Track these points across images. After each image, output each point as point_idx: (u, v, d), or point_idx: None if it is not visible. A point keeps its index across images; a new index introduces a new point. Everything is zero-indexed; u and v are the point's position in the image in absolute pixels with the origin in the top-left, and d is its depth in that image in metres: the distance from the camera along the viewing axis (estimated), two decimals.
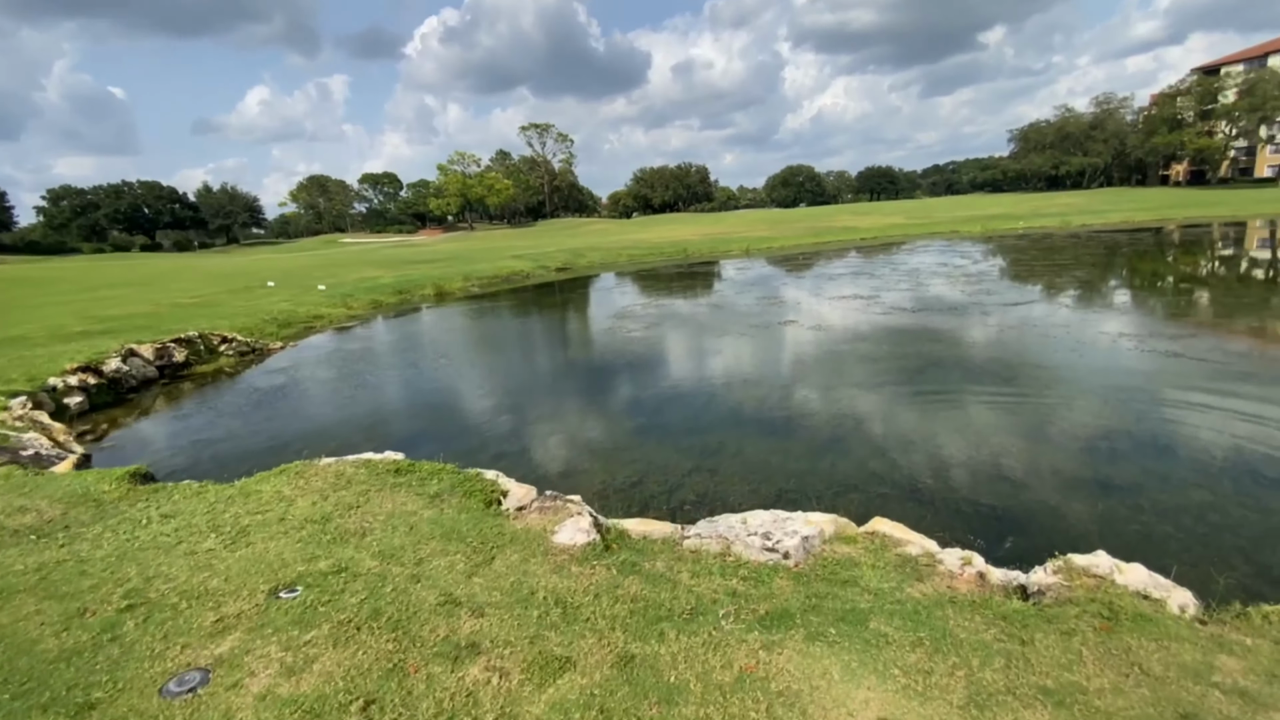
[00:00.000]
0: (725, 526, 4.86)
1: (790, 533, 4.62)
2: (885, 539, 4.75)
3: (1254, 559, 6.31)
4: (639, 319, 23.15)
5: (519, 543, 4.40)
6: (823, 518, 5.10)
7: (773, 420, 11.49)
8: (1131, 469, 8.58)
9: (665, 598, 3.79)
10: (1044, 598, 3.84)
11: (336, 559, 4.11)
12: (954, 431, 10.24)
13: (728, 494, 8.58)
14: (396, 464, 5.93)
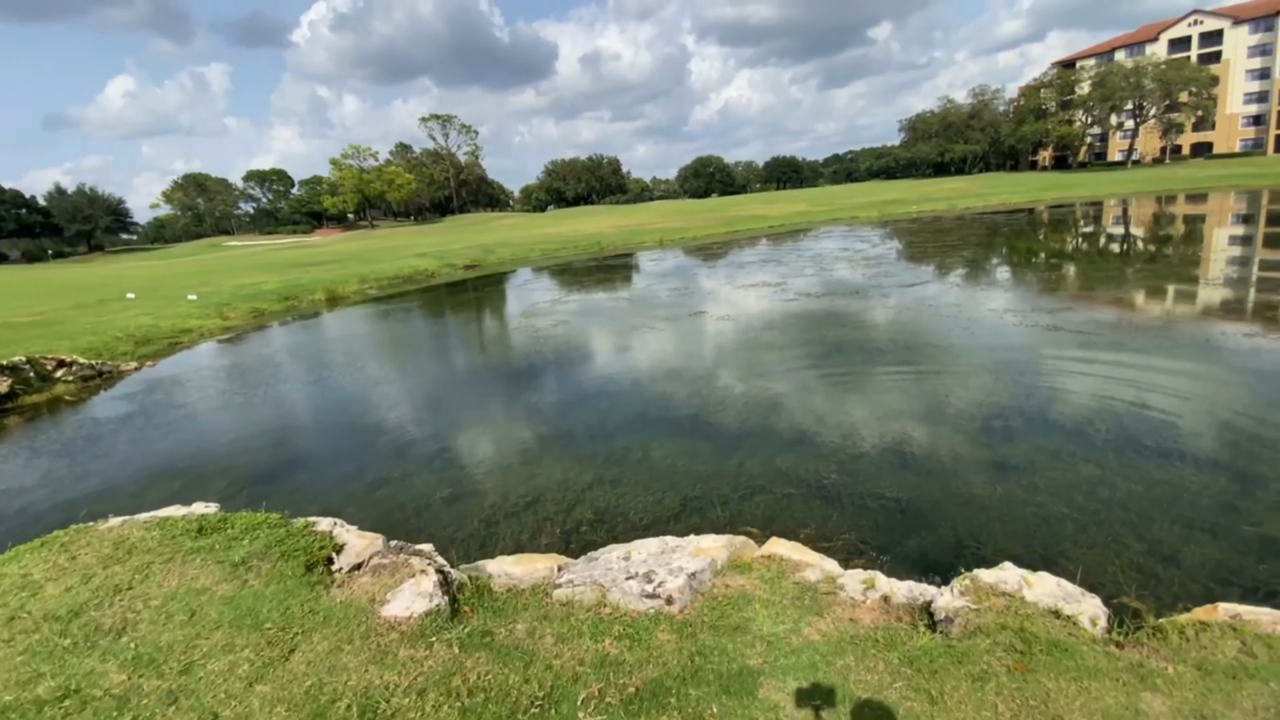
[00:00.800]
0: (603, 568, 4.16)
1: (676, 570, 3.99)
2: (783, 564, 4.22)
3: (1144, 535, 6.34)
4: (547, 316, 22.16)
5: (335, 622, 3.50)
6: (716, 543, 4.51)
7: (680, 419, 10.95)
8: (1025, 447, 8.65)
9: (515, 682, 3.04)
10: (952, 626, 3.41)
11: (68, 677, 3.05)
12: (858, 419, 10.08)
13: (629, 508, 7.92)
14: (201, 521, 4.80)
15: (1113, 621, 3.57)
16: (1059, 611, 3.40)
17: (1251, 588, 5.31)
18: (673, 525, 7.40)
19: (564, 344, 17.69)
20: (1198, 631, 2.97)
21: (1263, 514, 6.43)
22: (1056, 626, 3.25)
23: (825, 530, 6.97)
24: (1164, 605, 5.15)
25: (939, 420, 9.77)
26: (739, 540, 4.83)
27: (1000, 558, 6.18)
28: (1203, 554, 5.88)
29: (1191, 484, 7.23)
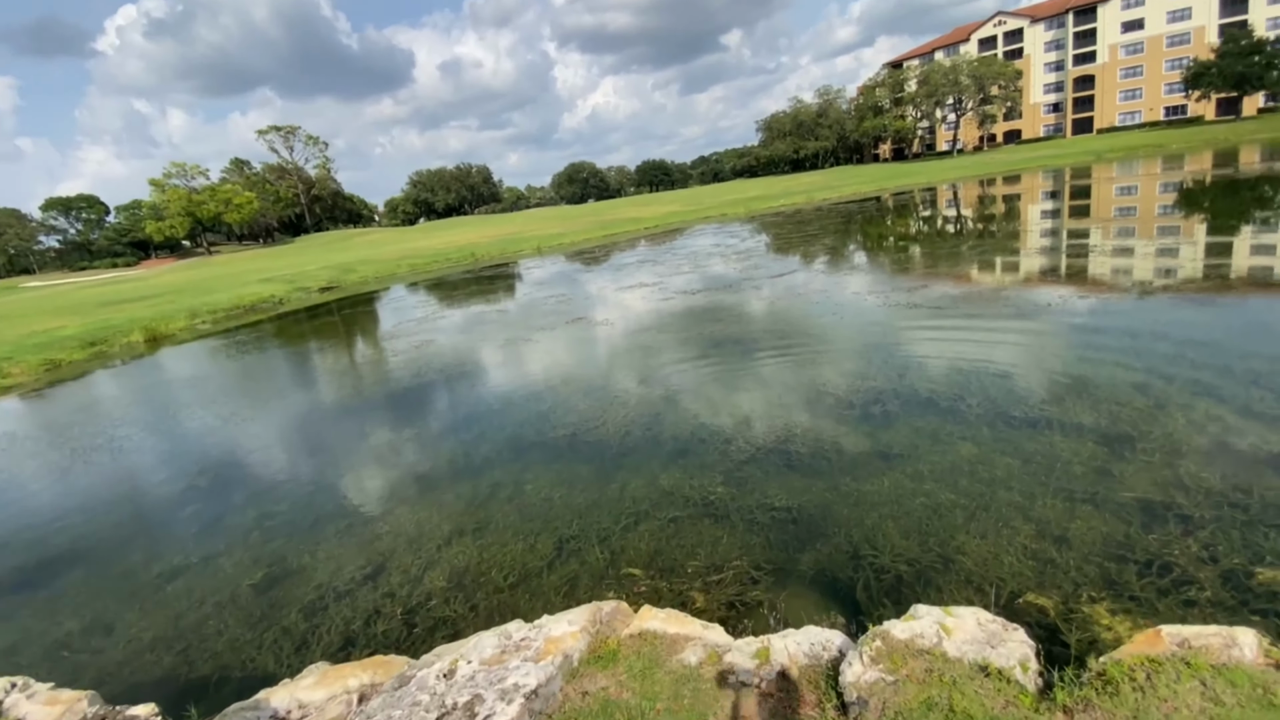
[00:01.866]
0: (411, 700, 3.00)
1: (511, 690, 2.93)
2: (657, 644, 3.30)
3: (1031, 514, 6.13)
4: (410, 338, 20.13)
5: None
6: (573, 626, 3.50)
7: (557, 443, 9.84)
8: (904, 431, 8.43)
9: None
10: (867, 711, 2.64)
11: None
12: (741, 419, 9.51)
13: (494, 564, 6.71)
14: None
15: (1044, 662, 3.02)
16: (987, 666, 2.76)
17: (1146, 561, 5.14)
18: (545, 578, 6.31)
19: (427, 367, 15.95)
20: (1150, 675, 2.44)
21: (1133, 477, 6.47)
22: (990, 692, 2.60)
23: (715, 557, 6.19)
24: (1069, 599, 4.85)
25: (820, 412, 9.42)
26: (607, 610, 3.84)
27: (899, 565, 5.71)
28: (1089, 529, 5.72)
29: (1062, 452, 7.25)
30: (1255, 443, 6.69)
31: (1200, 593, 4.63)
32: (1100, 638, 4.39)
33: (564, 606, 5.71)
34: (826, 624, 4.36)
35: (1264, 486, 5.86)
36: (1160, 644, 2.65)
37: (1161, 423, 7.48)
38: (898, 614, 5.12)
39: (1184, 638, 2.65)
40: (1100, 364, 9.70)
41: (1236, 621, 4.28)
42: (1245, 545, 5.10)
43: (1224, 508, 5.68)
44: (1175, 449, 6.85)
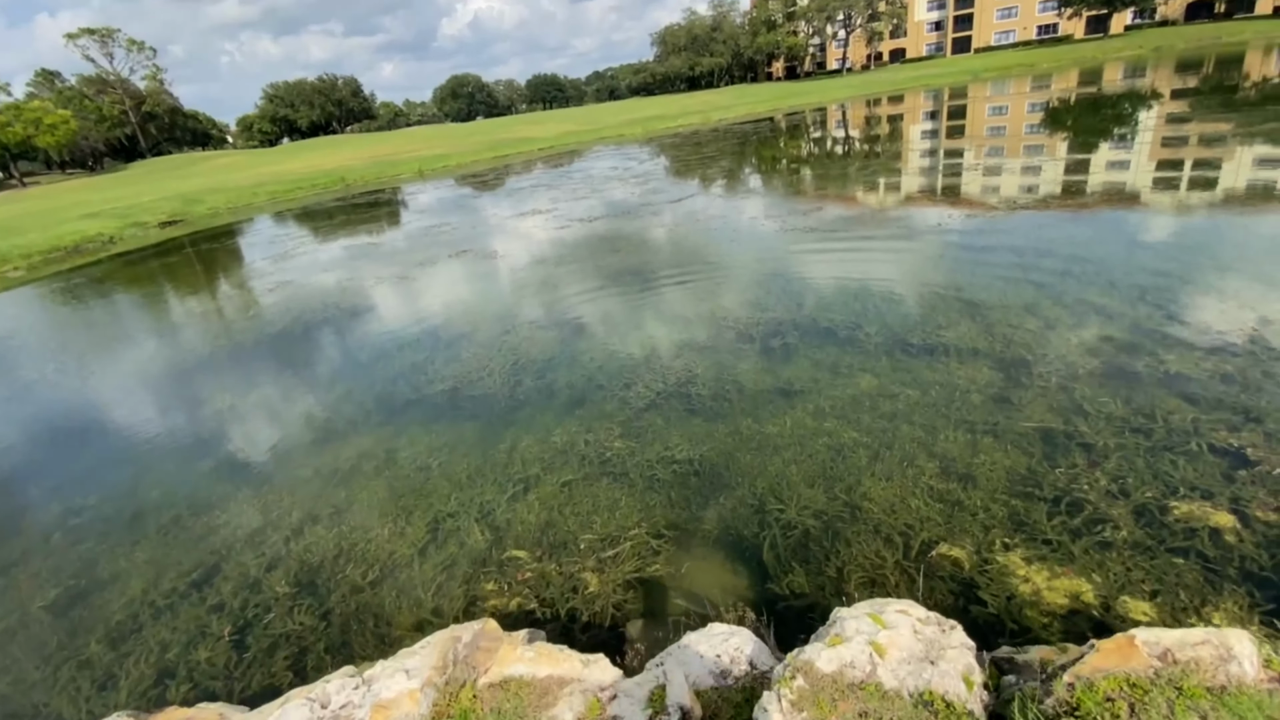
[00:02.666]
0: None
1: None
2: (522, 694, 2.54)
3: (934, 450, 5.89)
4: (265, 280, 17.58)
5: None
6: (418, 670, 2.66)
7: (436, 400, 8.69)
8: (805, 365, 8.05)
9: None
10: None
11: None
12: (639, 359, 8.78)
13: (352, 556, 5.70)
14: None
15: (988, 667, 2.58)
16: (930, 697, 2.25)
17: (1054, 498, 4.99)
18: (416, 569, 5.39)
19: (283, 316, 13.89)
20: (1134, 707, 1.99)
21: (1030, 404, 6.38)
22: None
23: (612, 525, 5.52)
24: (982, 548, 4.60)
25: (720, 348, 8.85)
26: (465, 640, 3.02)
27: (806, 518, 5.28)
28: (994, 464, 5.53)
29: (960, 380, 7.10)
30: (1150, 363, 6.80)
31: (1115, 532, 4.50)
32: (1018, 592, 4.16)
33: (435, 606, 4.87)
34: (733, 616, 3.82)
35: (1165, 410, 5.90)
36: (1136, 656, 2.23)
37: (1055, 345, 7.51)
38: (807, 577, 4.73)
39: (1165, 648, 2.24)
40: (990, 285, 9.74)
41: (1157, 564, 4.20)
42: (1155, 476, 5.06)
43: (1126, 434, 5.66)
44: (1071, 372, 6.86)
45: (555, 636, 4.44)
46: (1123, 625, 3.81)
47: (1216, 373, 6.46)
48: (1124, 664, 2.18)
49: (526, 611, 4.64)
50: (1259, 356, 6.72)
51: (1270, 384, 6.15)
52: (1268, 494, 4.60)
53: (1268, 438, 5.22)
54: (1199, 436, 5.41)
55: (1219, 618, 3.72)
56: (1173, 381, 6.46)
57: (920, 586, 3.65)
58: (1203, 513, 4.50)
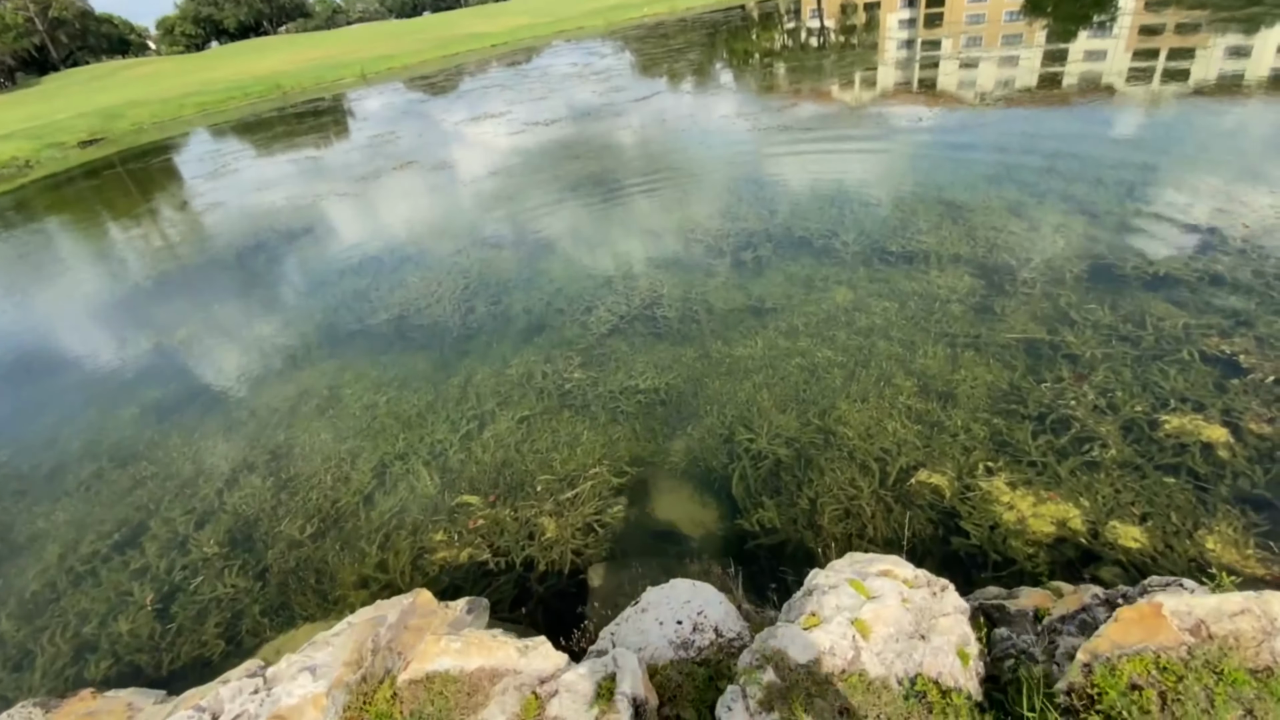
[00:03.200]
0: None
1: None
2: (448, 692, 2.17)
3: (912, 368, 5.53)
4: (196, 201, 16.10)
5: None
6: (328, 668, 2.27)
7: (382, 330, 8.06)
8: (778, 280, 7.54)
9: None
10: None
11: None
12: (600, 280, 8.15)
13: (291, 508, 5.26)
14: None
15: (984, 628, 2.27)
16: (923, 685, 1.92)
17: (1039, 415, 4.70)
18: (361, 519, 5.00)
19: (215, 242, 12.75)
20: (1165, 697, 1.64)
21: (1014, 313, 6.00)
22: None
23: (572, 464, 5.13)
24: (964, 473, 4.31)
25: (688, 264, 8.25)
26: (392, 617, 2.62)
27: (778, 447, 4.94)
28: (975, 381, 5.20)
29: (940, 290, 6.67)
30: (1138, 265, 6.41)
31: (1103, 452, 4.23)
32: (1002, 520, 3.90)
33: (380, 560, 4.50)
34: (698, 569, 3.50)
35: (1154, 316, 5.56)
36: (1164, 629, 1.88)
37: (1040, 248, 7.06)
38: (778, 510, 4.43)
39: (1197, 619, 1.90)
40: (972, 185, 9.13)
41: (1147, 485, 3.95)
42: (1144, 388, 4.77)
43: (1114, 343, 5.33)
44: (1057, 277, 6.45)
45: (508, 589, 4.13)
46: (1112, 552, 3.60)
47: (1205, 273, 6.11)
48: (1149, 638, 1.86)
49: (479, 564, 4.30)
50: (1248, 255, 6.37)
51: (1259, 284, 5.84)
52: (1261, 404, 4.35)
53: (1260, 343, 4.94)
54: (1189, 344, 5.11)
55: (1212, 541, 3.52)
56: (1161, 284, 6.10)
57: (905, 536, 3.37)
58: (1194, 427, 4.25)
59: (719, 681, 2.35)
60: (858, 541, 4.06)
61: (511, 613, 3.93)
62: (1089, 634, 2.39)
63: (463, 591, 4.10)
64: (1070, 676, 1.85)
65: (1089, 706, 1.73)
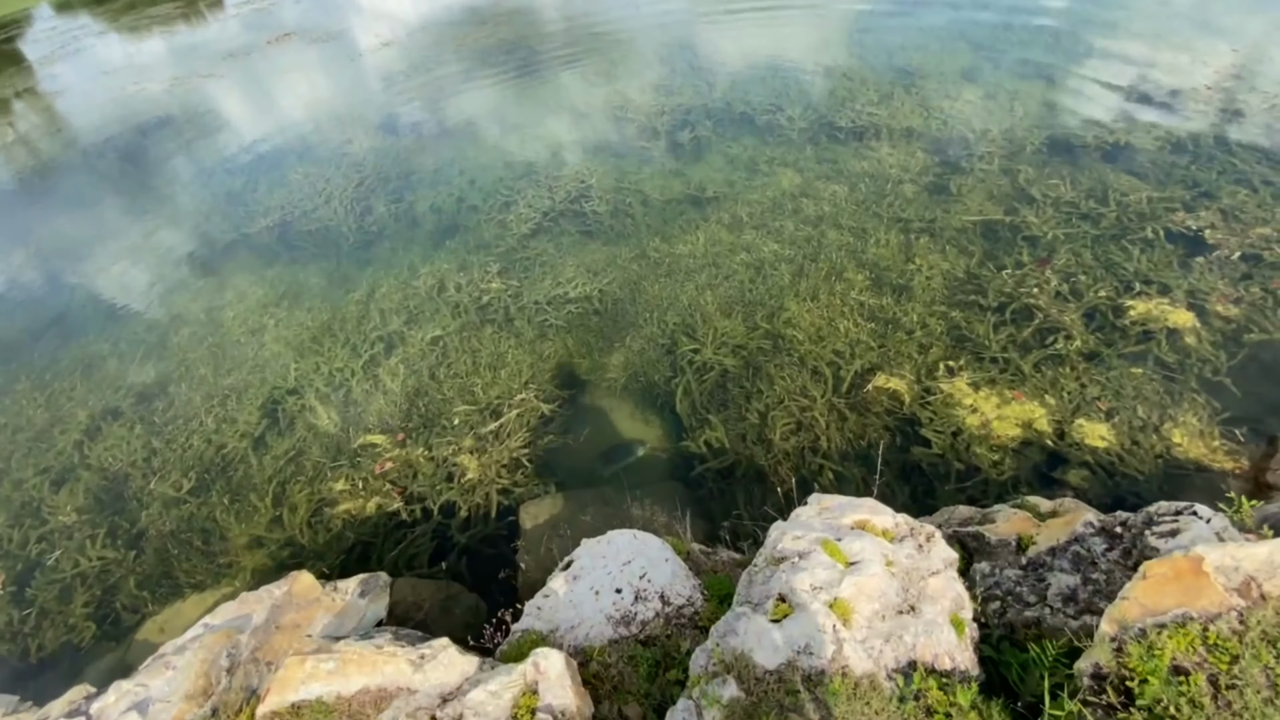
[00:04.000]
0: None
1: None
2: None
3: (865, 259, 5.06)
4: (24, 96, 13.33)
5: None
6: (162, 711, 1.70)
7: (263, 238, 6.97)
8: (718, 164, 6.81)
9: None
10: None
11: None
12: (521, 168, 7.14)
13: (164, 461, 4.49)
14: None
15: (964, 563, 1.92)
16: (918, 681, 1.53)
17: (999, 305, 4.34)
18: (251, 466, 4.31)
19: (54, 143, 10.62)
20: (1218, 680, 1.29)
21: (970, 192, 5.54)
22: None
23: (496, 389, 4.52)
24: (923, 374, 3.95)
25: (619, 148, 7.30)
26: (258, 617, 2.08)
27: (724, 356, 4.45)
28: (932, 269, 4.80)
29: (892, 168, 6.11)
30: (1099, 134, 5.97)
31: (1069, 344, 3.94)
32: (965, 425, 3.61)
33: (274, 516, 3.89)
34: (641, 514, 3.05)
35: (1118, 190, 5.18)
36: (1206, 589, 1.49)
37: (997, 118, 6.49)
38: (726, 428, 4.00)
39: (1246, 575, 1.50)
40: (924, 48, 8.32)
41: (1113, 378, 3.69)
42: (1107, 269, 4.46)
43: (1075, 222, 4.96)
44: (1015, 149, 5.96)
45: (424, 541, 3.63)
46: (1079, 453, 3.38)
47: (1167, 141, 5.75)
48: (1189, 601, 1.53)
49: (389, 515, 3.76)
50: (1210, 118, 6.02)
51: (1220, 152, 5.53)
52: (1227, 284, 4.13)
53: (1225, 217, 4.68)
54: (1153, 220, 4.80)
55: (1179, 434, 3.34)
56: (1121, 154, 5.72)
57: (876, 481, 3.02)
58: (1160, 312, 4.00)
59: (668, 671, 1.96)
60: (811, 457, 3.73)
61: (431, 568, 3.45)
62: (1084, 571, 2.09)
63: (371, 551, 3.59)
64: (1096, 654, 1.53)
65: (1126, 703, 1.40)
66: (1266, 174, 5.10)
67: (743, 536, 3.04)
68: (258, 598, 2.27)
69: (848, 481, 3.54)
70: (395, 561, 3.48)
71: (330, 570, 3.49)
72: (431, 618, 3.10)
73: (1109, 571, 2.05)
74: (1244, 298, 3.99)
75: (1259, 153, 5.36)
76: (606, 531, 2.73)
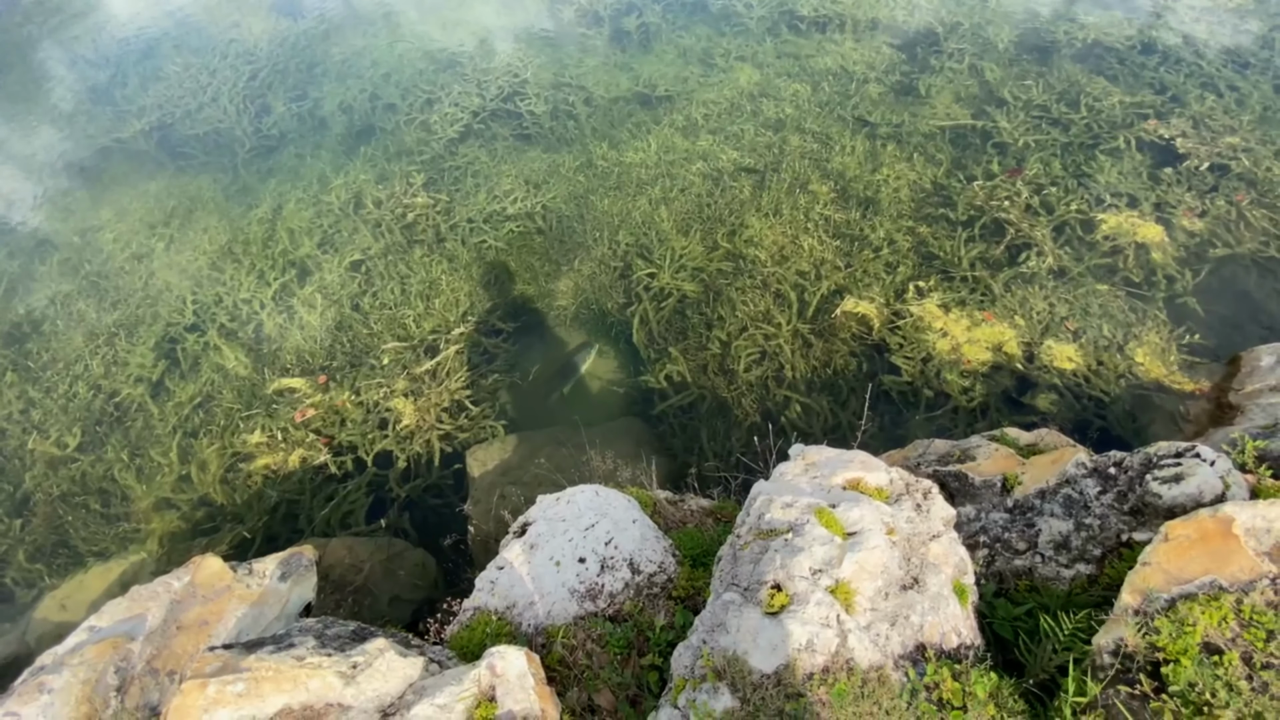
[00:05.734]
0: None
1: None
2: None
3: (829, 169, 4.69)
4: None
5: None
6: None
7: (140, 150, 6.04)
8: (670, 58, 6.20)
9: None
10: None
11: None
12: (445, 59, 6.26)
13: (46, 412, 3.91)
14: None
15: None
16: (929, 673, 1.37)
17: (968, 220, 4.11)
18: (152, 413, 3.79)
19: None
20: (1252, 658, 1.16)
21: (939, 93, 5.15)
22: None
23: (430, 322, 4.06)
24: (891, 297, 3.72)
25: (556, 38, 6.46)
26: (154, 618, 1.70)
27: (682, 281, 4.12)
28: (899, 180, 4.52)
29: (857, 66, 5.64)
30: (1070, 30, 5.59)
31: (1040, 262, 3.77)
32: (936, 349, 3.46)
33: (183, 474, 3.45)
34: (602, 465, 2.77)
35: (1090, 95, 4.89)
36: (1236, 554, 1.35)
37: (965, 8, 6.01)
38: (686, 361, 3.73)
39: (1278, 537, 1.39)
40: None
41: (1081, 296, 3.54)
42: (1078, 179, 4.26)
43: (1045, 127, 4.70)
44: (986, 45, 5.56)
45: (359, 496, 3.29)
46: (1047, 376, 3.30)
47: (1137, 41, 5.47)
48: (1218, 568, 1.40)
49: (315, 469, 3.37)
50: (1180, 16, 5.75)
51: (1190, 53, 5.30)
52: (1194, 196, 4.02)
53: (1195, 125, 4.52)
54: (1124, 129, 4.58)
55: (1141, 354, 3.29)
56: (1091, 54, 5.41)
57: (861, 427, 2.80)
58: (1129, 225, 3.87)
59: (643, 656, 1.77)
60: (776, 388, 3.53)
61: (369, 525, 3.14)
62: (1077, 516, 1.98)
63: (298, 510, 3.23)
64: (1118, 629, 1.40)
65: (1159, 689, 1.29)
66: (1232, 78, 4.94)
67: (711, 483, 2.84)
68: (152, 592, 1.92)
69: (815, 415, 3.38)
70: (327, 520, 3.15)
71: (252, 534, 3.13)
72: (373, 580, 2.83)
73: (1103, 516, 1.95)
74: (1210, 210, 3.90)
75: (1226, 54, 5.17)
76: (563, 481, 2.45)
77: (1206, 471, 1.80)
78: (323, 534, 3.03)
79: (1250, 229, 3.83)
